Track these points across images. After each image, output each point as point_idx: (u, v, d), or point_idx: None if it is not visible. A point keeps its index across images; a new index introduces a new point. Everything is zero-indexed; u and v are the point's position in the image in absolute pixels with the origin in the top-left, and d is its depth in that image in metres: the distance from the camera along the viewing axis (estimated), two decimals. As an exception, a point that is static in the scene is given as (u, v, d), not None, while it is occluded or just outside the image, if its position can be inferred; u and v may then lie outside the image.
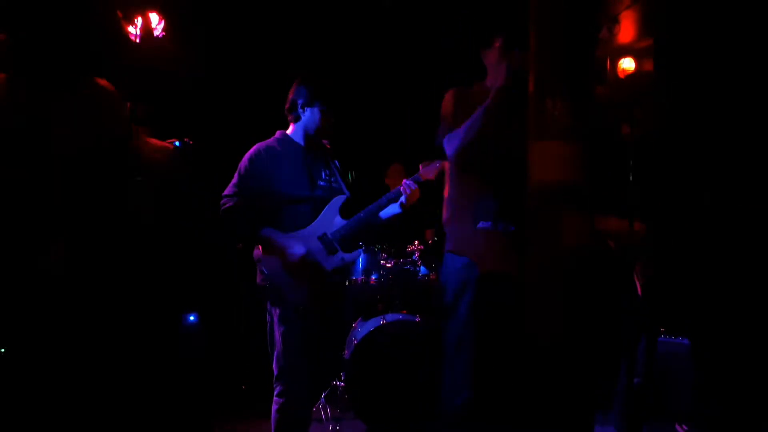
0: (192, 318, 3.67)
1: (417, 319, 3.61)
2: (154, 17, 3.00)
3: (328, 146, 2.82)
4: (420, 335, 3.56)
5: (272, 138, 2.73)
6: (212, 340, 4.08)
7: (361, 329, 3.65)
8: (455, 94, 2.29)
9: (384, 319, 3.59)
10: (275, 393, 2.58)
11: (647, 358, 3.05)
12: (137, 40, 2.74)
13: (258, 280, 2.66)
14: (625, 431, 2.97)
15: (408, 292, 3.95)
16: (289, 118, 2.74)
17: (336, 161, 2.87)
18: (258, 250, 2.63)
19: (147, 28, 2.87)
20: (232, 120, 4.54)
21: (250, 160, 2.62)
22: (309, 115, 2.68)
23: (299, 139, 2.72)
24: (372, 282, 3.99)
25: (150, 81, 2.86)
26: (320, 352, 2.65)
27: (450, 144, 2.21)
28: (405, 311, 3.75)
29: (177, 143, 2.82)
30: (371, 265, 4.08)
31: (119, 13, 2.94)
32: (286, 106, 2.72)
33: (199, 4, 3.98)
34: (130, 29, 2.87)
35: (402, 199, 2.77)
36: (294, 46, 4.74)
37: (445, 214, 2.35)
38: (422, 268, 4.01)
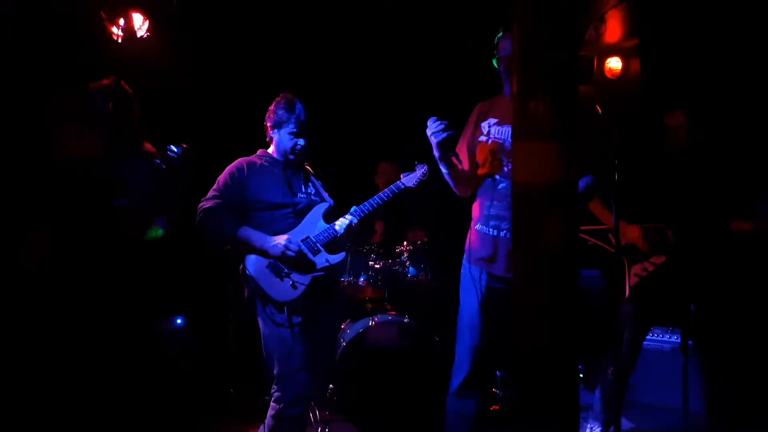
0: (179, 321, 3.64)
1: (406, 320, 3.60)
2: (137, 18, 2.97)
3: (308, 166, 2.85)
4: (409, 336, 3.55)
5: (254, 155, 2.79)
6: (200, 344, 4.04)
7: (350, 330, 3.63)
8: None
9: (373, 320, 3.58)
10: (273, 399, 2.57)
11: (631, 353, 3.08)
12: (120, 41, 2.72)
13: (246, 294, 2.67)
14: (607, 419, 3.03)
15: (397, 293, 3.94)
16: (267, 139, 2.79)
17: (316, 179, 2.89)
18: (243, 265, 2.63)
19: (130, 29, 2.84)
20: (218, 121, 4.50)
21: (231, 173, 2.67)
22: (278, 138, 2.73)
23: (279, 157, 2.77)
24: (361, 283, 3.98)
25: (134, 81, 2.83)
26: (315, 354, 2.64)
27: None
28: (394, 312, 3.74)
29: (173, 147, 2.81)
30: (359, 266, 4.06)
31: (103, 14, 2.91)
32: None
33: (183, 4, 3.94)
34: (114, 29, 2.84)
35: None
36: (283, 45, 4.70)
37: None
38: (411, 269, 4.00)
